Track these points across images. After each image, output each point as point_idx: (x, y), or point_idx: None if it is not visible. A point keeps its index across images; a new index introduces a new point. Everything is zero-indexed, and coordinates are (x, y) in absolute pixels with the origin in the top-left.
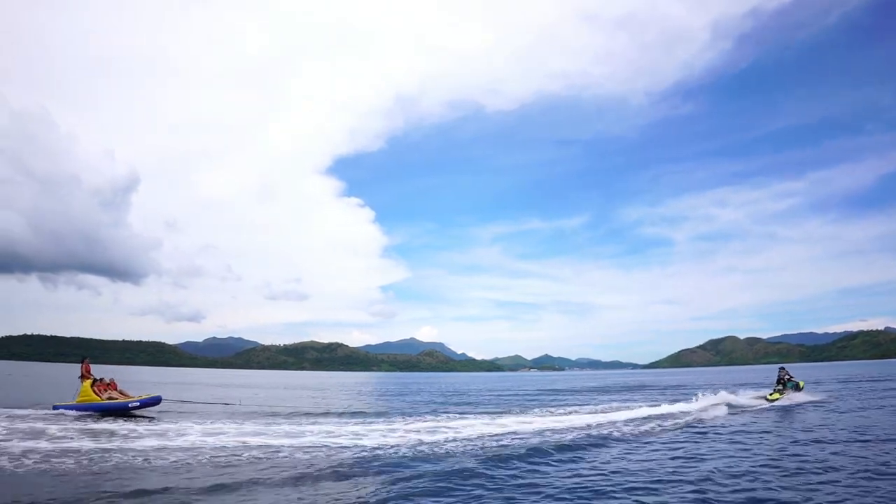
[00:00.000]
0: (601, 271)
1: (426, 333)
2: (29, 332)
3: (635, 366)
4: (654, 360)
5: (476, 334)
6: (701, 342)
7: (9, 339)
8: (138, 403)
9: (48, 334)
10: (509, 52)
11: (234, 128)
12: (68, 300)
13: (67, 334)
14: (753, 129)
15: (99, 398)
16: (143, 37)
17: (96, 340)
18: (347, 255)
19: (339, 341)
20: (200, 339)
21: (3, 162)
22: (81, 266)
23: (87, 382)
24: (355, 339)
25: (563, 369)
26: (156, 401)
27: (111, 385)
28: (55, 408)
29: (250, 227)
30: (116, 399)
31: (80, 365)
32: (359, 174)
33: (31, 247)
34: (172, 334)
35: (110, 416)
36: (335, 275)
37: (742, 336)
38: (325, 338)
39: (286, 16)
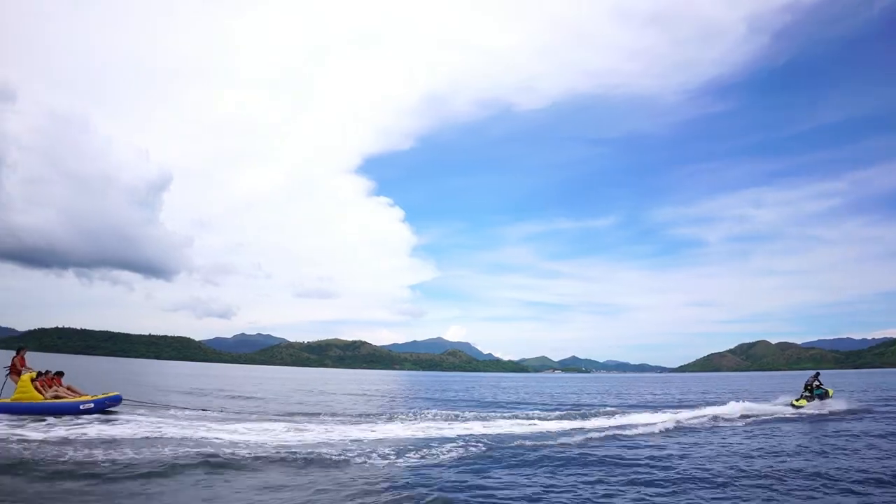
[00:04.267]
0: (632, 272)
1: (454, 333)
2: (62, 325)
3: (664, 369)
4: (683, 364)
5: (504, 334)
6: (731, 346)
7: (41, 332)
8: (92, 404)
9: (78, 328)
10: (540, 49)
11: (264, 128)
12: (103, 295)
13: (101, 328)
14: (790, 126)
15: (41, 396)
16: (175, 41)
17: (123, 334)
18: (376, 253)
19: (367, 340)
20: (230, 336)
21: (42, 162)
22: (116, 262)
23: (28, 376)
24: (383, 338)
25: (589, 371)
26: (115, 401)
27: (56, 380)
28: None
29: (280, 226)
30: (64, 398)
31: (13, 355)
32: (388, 173)
33: (68, 243)
34: (203, 330)
35: (54, 418)
36: (364, 273)
37: (774, 340)
38: (353, 336)
39: (315, 16)
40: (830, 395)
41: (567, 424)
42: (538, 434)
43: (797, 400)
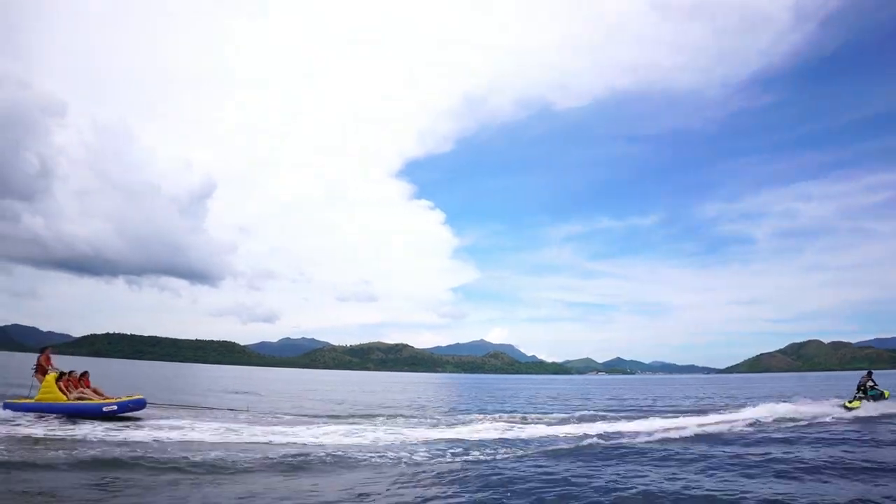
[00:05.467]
0: (677, 271)
1: (496, 335)
2: (112, 331)
3: (711, 370)
4: (731, 365)
5: (547, 336)
6: (781, 346)
7: (93, 337)
8: (115, 407)
9: (127, 333)
10: (579, 46)
11: (305, 133)
12: (151, 301)
13: (150, 333)
14: (841, 116)
15: (65, 397)
16: (215, 51)
17: (170, 339)
18: (418, 256)
19: (409, 342)
20: (275, 340)
21: (90, 174)
22: (163, 269)
23: (52, 376)
24: (425, 341)
25: (634, 373)
26: (139, 404)
27: (83, 381)
28: (6, 406)
29: (322, 230)
30: (89, 399)
31: (36, 356)
32: (429, 176)
33: (117, 252)
34: (249, 335)
35: (77, 419)
36: (406, 276)
37: (826, 340)
38: (396, 339)
39: (355, 21)
40: (886, 396)
41: (572, 429)
42: (558, 438)
43: (850, 402)
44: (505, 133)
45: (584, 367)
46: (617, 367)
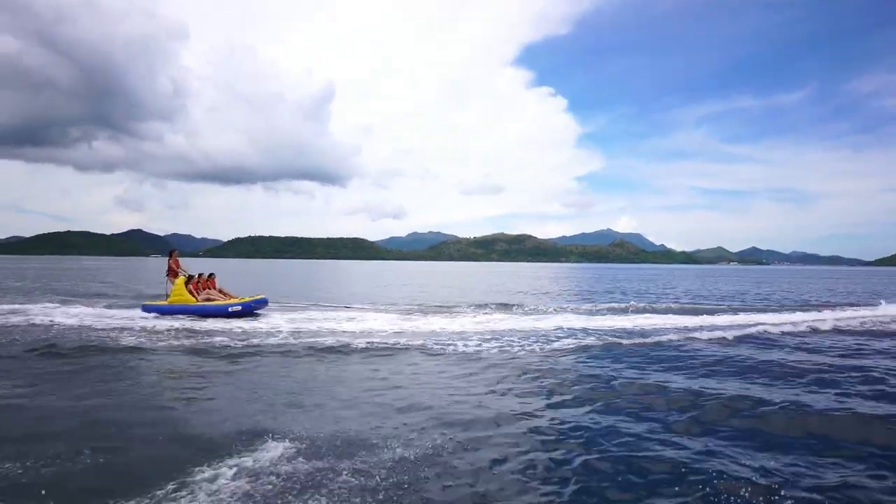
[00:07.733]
0: (825, 154)
1: (624, 224)
2: (253, 234)
3: (858, 262)
4: (881, 257)
5: (676, 224)
6: None
7: (237, 241)
8: (240, 307)
9: (267, 235)
10: None
11: (421, 32)
12: (287, 204)
13: (288, 234)
14: None
15: (194, 299)
16: None
17: (305, 239)
18: (541, 146)
19: (533, 233)
20: (403, 234)
21: (218, 91)
22: (295, 174)
23: (181, 280)
24: (550, 231)
25: (770, 263)
26: (261, 303)
27: (210, 282)
28: (145, 308)
29: (443, 126)
30: (215, 300)
31: (166, 259)
32: (548, 62)
33: (253, 161)
34: (379, 231)
35: (207, 319)
36: (530, 167)
37: None
38: (520, 230)
39: None
40: None
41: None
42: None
43: None
44: (627, 9)
45: (716, 256)
46: (751, 256)
